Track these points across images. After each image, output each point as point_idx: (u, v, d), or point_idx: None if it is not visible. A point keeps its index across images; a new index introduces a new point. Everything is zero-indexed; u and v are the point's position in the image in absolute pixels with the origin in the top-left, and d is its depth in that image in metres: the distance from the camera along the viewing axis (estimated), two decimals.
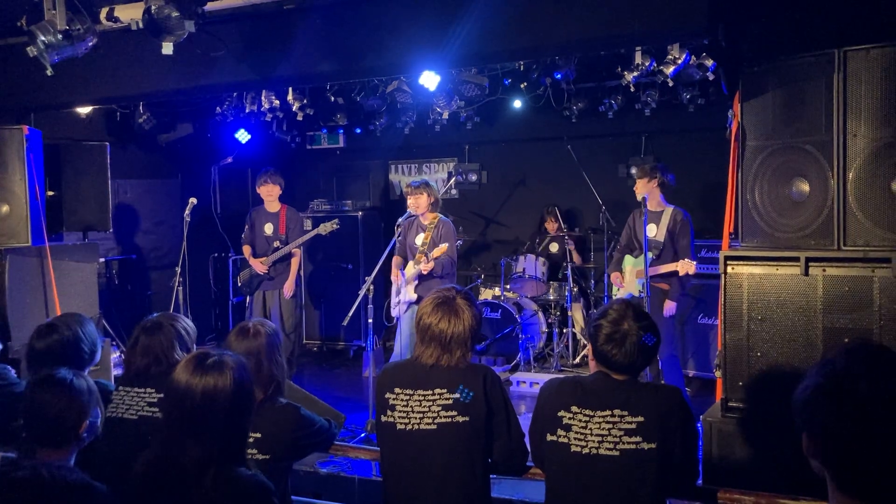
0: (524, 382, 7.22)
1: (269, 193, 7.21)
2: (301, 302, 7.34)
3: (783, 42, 3.89)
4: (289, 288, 7.12)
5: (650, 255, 5.93)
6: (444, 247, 6.13)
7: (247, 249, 7.31)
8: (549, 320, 7.95)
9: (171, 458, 2.16)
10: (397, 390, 2.96)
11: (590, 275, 8.21)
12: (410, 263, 6.32)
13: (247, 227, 7.37)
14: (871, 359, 1.50)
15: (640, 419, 2.65)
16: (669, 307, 5.93)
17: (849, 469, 1.48)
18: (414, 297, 6.21)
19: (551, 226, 8.43)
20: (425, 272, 6.14)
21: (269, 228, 7.24)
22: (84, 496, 1.99)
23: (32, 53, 4.04)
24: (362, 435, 5.71)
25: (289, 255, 7.18)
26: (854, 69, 3.62)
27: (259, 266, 7.14)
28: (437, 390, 2.90)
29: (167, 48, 3.95)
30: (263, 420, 2.95)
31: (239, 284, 7.41)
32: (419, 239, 6.34)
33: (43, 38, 3.93)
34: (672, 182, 6.19)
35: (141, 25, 3.97)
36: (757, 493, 2.94)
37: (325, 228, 7.11)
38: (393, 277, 6.40)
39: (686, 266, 5.70)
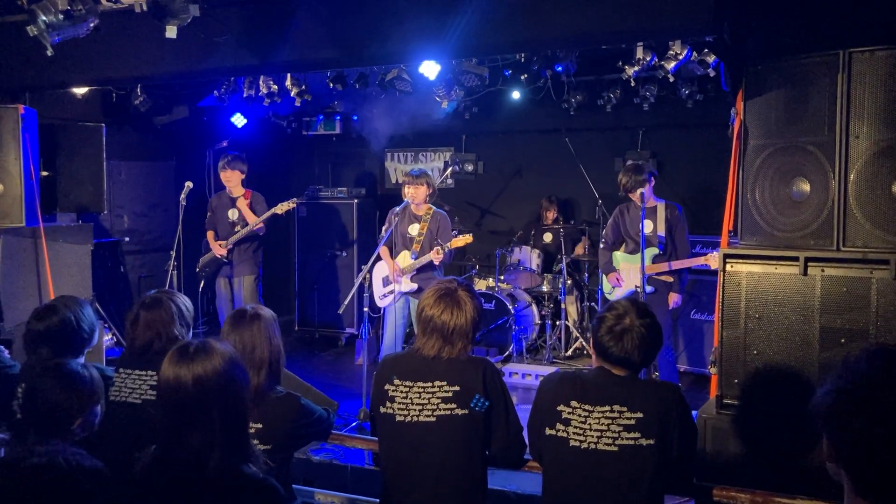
0: (516, 374, 7.24)
1: (229, 180, 7.19)
2: (261, 290, 7.33)
3: (788, 41, 3.89)
4: (253, 216, 7.03)
5: (654, 251, 5.95)
6: (468, 237, 6.14)
7: (211, 235, 7.33)
8: (543, 312, 7.96)
9: (172, 454, 2.14)
10: (397, 382, 2.97)
11: (584, 267, 8.22)
12: (405, 253, 6.29)
13: (209, 213, 7.38)
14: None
15: (640, 415, 2.67)
16: (676, 299, 6.00)
17: (871, 474, 1.49)
18: (413, 286, 6.19)
19: (550, 216, 8.43)
20: (437, 262, 6.15)
21: (232, 214, 7.23)
22: (99, 481, 1.99)
23: (33, 33, 3.99)
24: (354, 423, 5.72)
25: (251, 239, 7.17)
26: (858, 71, 3.63)
27: (218, 249, 7.12)
28: (437, 382, 2.91)
29: (171, 31, 3.91)
30: (264, 410, 2.95)
31: (197, 269, 7.40)
32: (413, 229, 6.32)
33: (44, 18, 3.88)
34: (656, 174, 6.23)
35: (144, 8, 3.93)
36: (752, 491, 2.97)
37: (282, 208, 7.07)
38: (388, 269, 6.36)
39: (705, 259, 5.79)
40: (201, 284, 7.45)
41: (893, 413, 1.45)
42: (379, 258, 6.31)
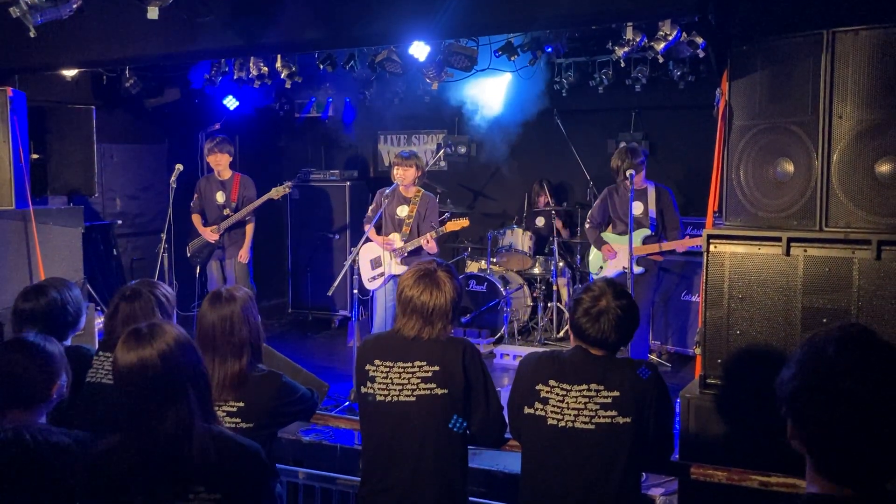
0: (508, 355, 7.26)
1: (218, 163, 7.19)
2: (252, 273, 7.35)
3: (772, 21, 3.88)
4: (244, 255, 7.11)
5: (645, 231, 5.96)
6: (464, 220, 6.14)
7: (196, 218, 7.30)
8: (534, 294, 7.98)
9: (147, 434, 2.14)
10: (377, 362, 2.98)
11: (576, 249, 8.23)
12: (395, 235, 6.29)
13: (195, 195, 7.35)
14: (862, 348, 1.52)
15: (616, 394, 2.69)
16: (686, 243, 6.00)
17: (833, 456, 1.52)
18: (403, 269, 6.19)
19: (542, 200, 8.42)
20: (427, 249, 6.13)
21: (220, 196, 7.22)
22: (67, 456, 2.00)
23: (15, 14, 3.98)
24: (346, 404, 5.75)
25: (242, 223, 7.18)
26: (842, 50, 3.61)
27: (210, 235, 7.12)
28: (417, 363, 2.93)
29: (152, 12, 3.90)
30: (246, 389, 2.96)
31: (188, 255, 7.38)
32: (402, 211, 6.31)
33: None
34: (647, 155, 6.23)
35: None
36: (729, 469, 2.99)
37: (278, 192, 7.07)
38: (380, 244, 6.34)
39: (695, 241, 5.81)
40: (197, 270, 7.46)
41: (853, 396, 1.47)
42: (368, 239, 6.31)
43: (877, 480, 1.50)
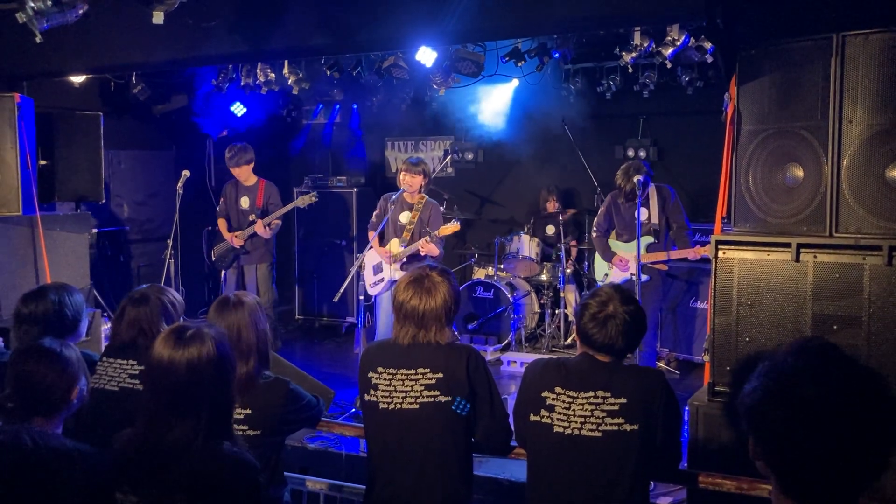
0: (515, 362, 7.22)
1: (240, 174, 7.19)
2: (275, 276, 7.34)
3: (781, 25, 3.85)
4: (260, 226, 6.98)
5: (649, 239, 5.91)
6: (455, 225, 6.09)
7: (222, 223, 7.29)
8: (542, 301, 7.94)
9: (156, 436, 2.13)
10: (380, 369, 2.96)
11: (583, 256, 8.19)
12: (395, 241, 6.25)
13: (221, 200, 7.36)
14: (819, 360, 1.46)
15: (623, 401, 2.65)
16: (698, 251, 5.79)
17: (794, 473, 1.45)
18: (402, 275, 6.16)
19: (550, 207, 8.39)
20: (423, 252, 6.08)
21: (245, 202, 7.22)
22: (66, 461, 1.98)
23: (21, 20, 3.98)
24: (352, 410, 5.72)
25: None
26: (852, 54, 3.58)
27: (235, 240, 7.12)
28: (421, 370, 2.90)
29: (158, 17, 3.90)
30: (253, 396, 2.94)
31: (213, 259, 7.38)
32: (404, 217, 6.28)
33: (32, 4, 3.88)
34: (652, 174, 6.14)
35: None
36: (738, 478, 2.95)
37: (304, 201, 7.08)
38: (380, 253, 6.31)
39: (703, 251, 5.71)
40: (222, 274, 7.46)
41: (814, 407, 1.40)
42: (371, 246, 6.29)
43: (842, 499, 1.43)
